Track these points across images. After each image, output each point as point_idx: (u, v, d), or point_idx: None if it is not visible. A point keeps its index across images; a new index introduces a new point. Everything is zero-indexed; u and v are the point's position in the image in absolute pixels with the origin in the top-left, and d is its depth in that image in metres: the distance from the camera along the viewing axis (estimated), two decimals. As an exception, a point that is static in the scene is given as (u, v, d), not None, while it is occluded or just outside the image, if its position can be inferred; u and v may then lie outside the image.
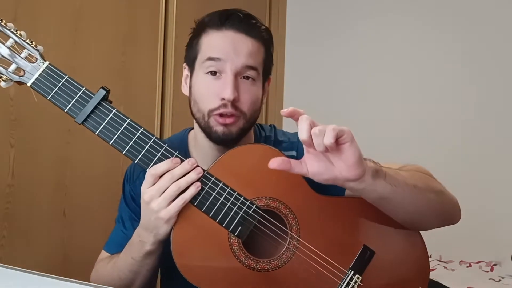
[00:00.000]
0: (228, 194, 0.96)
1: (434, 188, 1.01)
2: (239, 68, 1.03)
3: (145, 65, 2.00)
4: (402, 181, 0.93)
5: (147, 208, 0.94)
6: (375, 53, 2.73)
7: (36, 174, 1.60)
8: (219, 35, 1.05)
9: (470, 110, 2.50)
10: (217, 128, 1.03)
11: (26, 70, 0.94)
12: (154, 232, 0.95)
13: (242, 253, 0.97)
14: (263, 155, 1.00)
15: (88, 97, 0.94)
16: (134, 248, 1.01)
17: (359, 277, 0.99)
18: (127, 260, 1.02)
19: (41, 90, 0.93)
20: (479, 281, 2.02)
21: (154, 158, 0.95)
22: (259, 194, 0.98)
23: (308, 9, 2.94)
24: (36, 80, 0.93)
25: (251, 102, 1.05)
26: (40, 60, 0.94)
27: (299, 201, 0.99)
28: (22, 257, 1.54)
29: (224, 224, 0.96)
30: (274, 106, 2.88)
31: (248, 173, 0.99)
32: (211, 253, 0.97)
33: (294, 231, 0.99)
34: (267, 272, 0.97)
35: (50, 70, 0.94)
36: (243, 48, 1.03)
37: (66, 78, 0.94)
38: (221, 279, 0.97)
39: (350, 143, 0.83)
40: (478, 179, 2.38)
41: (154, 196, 0.93)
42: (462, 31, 2.54)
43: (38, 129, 1.60)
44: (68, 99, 0.93)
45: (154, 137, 0.95)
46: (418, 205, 0.98)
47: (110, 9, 1.84)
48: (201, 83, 1.05)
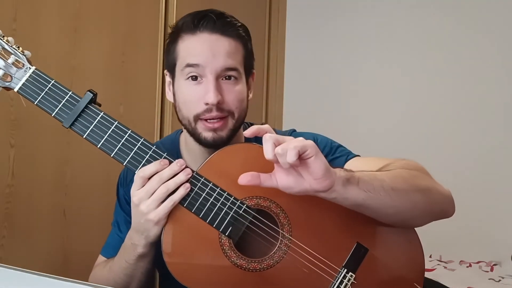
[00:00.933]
0: (218, 194, 0.96)
1: (419, 186, 0.99)
2: (219, 71, 1.02)
3: (145, 65, 1.99)
4: (378, 186, 0.92)
5: (137, 210, 0.94)
6: (375, 53, 2.74)
7: (36, 174, 1.60)
8: (194, 39, 1.03)
9: (471, 110, 2.50)
10: (205, 134, 1.03)
11: (13, 76, 0.94)
12: (144, 234, 0.96)
13: (233, 253, 0.97)
14: (253, 154, 0.99)
15: (75, 101, 0.94)
16: (127, 251, 1.01)
17: (352, 275, 0.98)
18: (121, 264, 1.02)
19: (28, 95, 0.94)
20: (479, 281, 2.02)
21: (142, 160, 0.94)
22: (250, 193, 0.98)
23: (308, 9, 2.94)
24: (23, 85, 0.94)
25: (238, 101, 1.05)
26: (27, 65, 0.94)
27: (290, 200, 0.98)
28: (22, 257, 1.54)
29: (215, 225, 0.96)
30: (274, 106, 2.88)
31: (237, 172, 0.96)
32: (202, 254, 0.97)
33: (285, 230, 0.98)
34: (259, 272, 0.97)
35: (37, 75, 0.94)
36: (220, 50, 1.02)
37: (53, 83, 0.94)
38: (213, 280, 0.97)
39: (314, 157, 0.84)
40: (478, 179, 2.38)
41: (143, 198, 0.93)
42: (463, 27, 2.54)
43: (38, 129, 1.60)
44: (55, 103, 0.94)
45: (142, 139, 0.95)
46: (399, 207, 0.96)
47: (110, 9, 1.84)
48: (183, 90, 1.05)
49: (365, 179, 0.91)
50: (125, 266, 1.01)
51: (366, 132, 2.60)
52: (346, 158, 1.11)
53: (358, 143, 1.20)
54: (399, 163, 1.04)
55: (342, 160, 1.10)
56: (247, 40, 1.09)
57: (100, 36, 1.80)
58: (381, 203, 0.93)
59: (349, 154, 1.13)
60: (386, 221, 1.00)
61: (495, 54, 2.46)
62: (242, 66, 1.07)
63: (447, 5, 2.58)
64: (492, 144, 2.44)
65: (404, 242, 1.04)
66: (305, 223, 0.98)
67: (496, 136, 2.44)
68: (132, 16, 1.93)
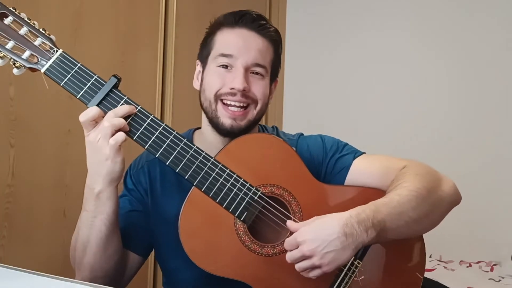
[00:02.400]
0: (234, 180, 1.00)
1: (435, 200, 1.04)
2: (249, 64, 1.08)
3: (145, 65, 1.99)
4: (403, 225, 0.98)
5: (92, 149, 0.95)
6: (375, 53, 2.74)
7: (36, 174, 1.60)
8: (232, 32, 1.11)
9: (470, 111, 2.51)
10: (224, 120, 1.08)
11: (39, 57, 0.96)
12: (101, 171, 0.96)
13: (247, 238, 1.00)
14: (268, 144, 1.06)
15: (100, 85, 0.97)
16: (86, 200, 1.00)
17: (359, 262, 1.02)
18: (82, 215, 1.02)
19: (54, 76, 0.96)
20: (479, 281, 2.02)
21: (163, 144, 0.97)
22: (264, 181, 1.02)
23: (308, 10, 2.94)
24: (49, 67, 0.95)
25: (262, 92, 1.10)
26: (54, 47, 0.96)
27: (302, 189, 1.04)
28: (22, 257, 1.54)
29: (231, 210, 0.99)
30: (274, 106, 2.88)
31: (253, 161, 1.04)
32: (217, 237, 1.00)
33: (297, 217, 1.03)
34: (271, 257, 1.01)
35: (64, 57, 0.96)
36: (253, 45, 1.09)
37: (79, 66, 0.97)
38: (227, 262, 1.00)
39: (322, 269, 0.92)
40: (478, 179, 2.38)
41: (96, 136, 0.94)
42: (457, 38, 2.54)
43: (38, 129, 1.60)
44: (80, 85, 0.96)
45: (164, 124, 0.99)
46: (420, 231, 1.06)
47: (110, 9, 1.84)
48: (213, 74, 1.10)
49: (392, 227, 0.96)
50: (86, 217, 1.00)
51: (366, 132, 2.60)
52: (354, 156, 1.14)
53: (358, 143, 1.21)
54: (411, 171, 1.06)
55: (350, 158, 1.14)
56: (279, 46, 1.17)
57: (100, 36, 1.80)
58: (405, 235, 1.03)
59: (356, 152, 1.16)
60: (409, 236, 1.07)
61: (496, 54, 2.46)
62: (270, 67, 1.14)
63: (448, 5, 2.58)
64: (492, 144, 2.44)
65: None
66: (315, 211, 1.01)
67: (496, 136, 2.44)
68: (132, 16, 1.93)
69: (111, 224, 1.00)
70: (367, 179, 1.10)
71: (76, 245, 1.04)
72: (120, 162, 0.95)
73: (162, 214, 1.11)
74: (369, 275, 1.03)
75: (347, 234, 0.90)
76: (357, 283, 1.02)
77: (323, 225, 0.93)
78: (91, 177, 0.98)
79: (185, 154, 0.98)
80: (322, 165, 1.14)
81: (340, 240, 0.90)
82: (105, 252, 1.02)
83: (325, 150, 1.16)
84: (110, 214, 0.99)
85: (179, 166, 0.98)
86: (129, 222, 1.10)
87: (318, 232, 0.92)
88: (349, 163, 1.12)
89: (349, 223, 0.92)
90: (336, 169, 1.13)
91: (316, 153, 1.15)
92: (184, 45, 2.12)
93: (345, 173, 1.12)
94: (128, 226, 1.09)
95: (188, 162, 0.98)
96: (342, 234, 0.90)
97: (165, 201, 1.12)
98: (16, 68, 0.95)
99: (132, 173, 1.16)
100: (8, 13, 0.95)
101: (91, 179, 0.98)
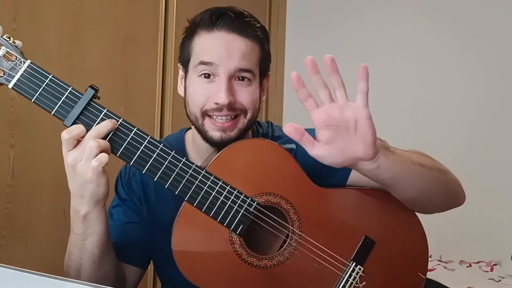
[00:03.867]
0: (228, 192, 0.94)
1: (440, 167, 1.03)
2: (232, 71, 1.00)
3: (145, 65, 1.99)
4: (409, 160, 0.94)
5: (73, 171, 0.88)
6: (375, 53, 2.73)
7: (36, 174, 1.60)
8: (210, 36, 1.01)
9: (473, 111, 2.50)
10: (212, 133, 1.01)
11: (5, 70, 0.85)
12: (84, 194, 0.89)
13: (244, 251, 0.97)
14: (263, 150, 1.00)
15: (76, 98, 0.87)
16: (73, 222, 0.95)
17: (360, 268, 1.00)
18: (72, 238, 0.96)
19: (24, 92, 0.86)
20: (479, 281, 2.02)
21: (149, 159, 0.90)
22: (260, 190, 0.97)
23: (308, 9, 2.94)
24: (17, 81, 0.85)
25: (250, 99, 1.02)
26: (20, 58, 0.85)
27: (300, 195, 0.99)
28: (22, 257, 1.54)
29: (225, 224, 0.95)
30: (274, 106, 2.88)
31: (247, 169, 0.98)
32: (213, 253, 0.97)
33: (295, 226, 0.99)
34: (270, 269, 0.98)
35: (32, 69, 0.86)
36: (235, 50, 0.99)
37: (51, 78, 0.86)
38: (225, 278, 0.97)
39: (368, 120, 0.88)
40: (478, 179, 2.38)
41: (77, 157, 0.87)
42: (465, 28, 2.54)
43: (38, 129, 1.60)
44: (54, 100, 0.87)
45: (149, 136, 0.91)
46: (426, 182, 0.99)
47: (110, 9, 1.84)
48: (195, 86, 1.02)
49: (397, 151, 0.93)
50: (75, 239, 0.95)
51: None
52: None
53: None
54: (414, 151, 1.05)
55: None
56: (265, 42, 1.06)
57: (100, 36, 1.80)
58: (412, 175, 0.95)
59: None
60: (411, 198, 1.01)
61: (496, 53, 2.46)
62: (257, 67, 1.05)
63: (448, 5, 2.58)
64: (493, 144, 2.43)
65: (409, 233, 1.07)
66: (314, 218, 0.99)
67: (496, 136, 2.43)
68: (132, 16, 1.93)
69: (102, 244, 0.94)
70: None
71: (68, 270, 0.98)
72: (104, 185, 0.88)
73: (158, 223, 1.06)
74: (371, 280, 1.01)
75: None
76: None
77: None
78: (75, 200, 0.91)
79: (173, 168, 0.91)
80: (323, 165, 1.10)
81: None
82: (100, 273, 0.97)
83: None
84: (101, 235, 0.93)
85: (168, 182, 0.91)
86: (126, 235, 1.05)
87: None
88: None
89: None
90: (338, 169, 1.07)
91: None
92: (184, 45, 2.12)
93: (348, 172, 1.07)
94: (124, 239, 1.04)
95: (177, 177, 0.91)
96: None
97: (160, 209, 1.07)
98: None
99: (123, 181, 1.10)
100: None
101: (75, 201, 0.91)
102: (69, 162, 0.87)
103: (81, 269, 0.96)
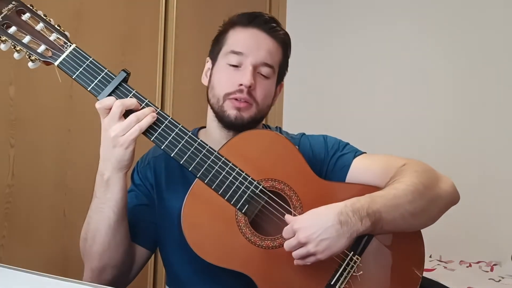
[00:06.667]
0: (237, 173, 1.03)
1: (432, 196, 1.05)
2: (258, 62, 1.12)
3: (145, 65, 2.00)
4: (399, 217, 0.99)
5: (107, 136, 0.98)
6: (374, 52, 2.73)
7: (36, 174, 1.60)
8: (244, 31, 1.15)
9: (470, 110, 2.50)
10: (230, 112, 1.11)
11: (53, 51, 1.00)
12: (112, 159, 0.99)
13: (248, 230, 1.02)
14: (271, 140, 1.10)
15: (110, 78, 1.01)
16: (96, 186, 1.04)
17: (358, 258, 1.03)
18: (93, 203, 1.05)
19: (67, 69, 1.00)
20: (479, 281, 2.02)
21: (169, 137, 1.01)
22: (266, 176, 1.05)
23: (308, 9, 2.94)
24: (63, 60, 1.00)
25: (265, 94, 1.13)
26: (68, 42, 1.01)
27: (303, 184, 1.06)
28: (22, 257, 1.54)
29: (232, 202, 1.02)
30: (274, 106, 2.86)
31: (256, 155, 1.06)
32: (219, 229, 1.03)
33: (297, 211, 1.04)
34: (271, 250, 1.02)
35: (76, 52, 1.01)
36: (263, 45, 1.13)
37: (91, 60, 1.01)
38: (228, 254, 1.02)
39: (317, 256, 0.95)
40: (478, 179, 2.38)
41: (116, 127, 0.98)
42: (457, 32, 2.54)
43: (38, 129, 1.60)
44: (91, 78, 1.00)
45: (170, 117, 1.03)
46: (417, 225, 1.07)
47: (109, 9, 1.84)
48: (222, 71, 1.13)
49: (388, 219, 0.98)
50: (96, 203, 1.04)
51: (366, 132, 2.60)
52: (354, 154, 1.16)
53: (357, 143, 1.21)
54: (409, 168, 1.08)
55: (351, 157, 1.16)
56: (287, 48, 1.21)
57: (100, 36, 1.80)
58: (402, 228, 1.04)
59: (357, 151, 1.18)
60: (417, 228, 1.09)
61: (496, 55, 2.46)
62: (277, 68, 1.17)
63: (448, 5, 2.58)
64: (492, 144, 2.44)
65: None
66: (315, 206, 1.01)
67: (496, 136, 2.43)
68: (132, 16, 1.93)
69: (119, 211, 1.03)
70: (367, 177, 1.12)
71: (86, 235, 1.06)
72: (130, 152, 0.99)
73: (166, 208, 1.14)
74: (368, 271, 1.04)
75: (341, 222, 0.93)
76: (355, 279, 1.03)
77: (318, 213, 0.96)
78: (102, 163, 1.01)
79: (189, 147, 1.02)
80: (323, 163, 1.17)
81: (335, 228, 0.93)
82: (113, 240, 1.04)
83: (326, 149, 1.18)
84: (118, 201, 1.02)
85: (183, 158, 1.01)
86: (136, 216, 1.13)
87: (314, 220, 0.95)
88: (349, 162, 1.14)
89: (344, 212, 0.94)
90: (337, 167, 1.15)
91: (318, 151, 1.18)
92: (184, 45, 2.12)
93: (346, 171, 1.14)
94: (134, 220, 1.12)
95: (192, 155, 1.02)
96: (336, 222, 0.93)
97: (169, 195, 1.14)
98: (32, 61, 1.00)
99: (139, 169, 1.20)
100: (25, 10, 1.01)
101: (102, 165, 1.01)
102: (106, 126, 0.99)
103: (97, 234, 1.04)
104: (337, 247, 0.94)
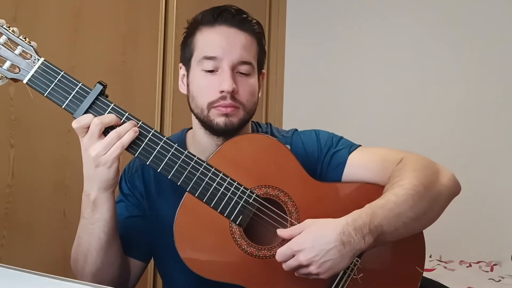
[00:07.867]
0: (228, 184, 0.98)
1: (433, 196, 1.02)
2: (235, 63, 1.05)
3: (145, 65, 1.99)
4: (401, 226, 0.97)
5: (88, 156, 0.93)
6: (374, 52, 2.73)
7: (36, 174, 1.60)
8: (212, 31, 1.06)
9: (470, 110, 2.50)
10: (218, 119, 1.05)
11: (21, 67, 0.92)
12: (96, 179, 0.95)
13: (244, 241, 0.99)
14: (262, 144, 1.05)
15: (85, 93, 0.94)
16: (83, 206, 1.00)
17: (358, 260, 1.02)
18: (81, 223, 1.01)
19: (37, 87, 0.93)
20: (479, 281, 2.02)
21: (153, 151, 0.95)
22: (259, 182, 1.01)
23: (308, 9, 2.94)
24: (32, 77, 0.92)
25: (249, 94, 1.07)
26: (35, 56, 0.93)
27: (298, 188, 1.03)
28: (22, 257, 1.54)
29: (226, 214, 0.98)
30: (274, 106, 2.88)
31: (247, 162, 1.02)
32: (214, 242, 0.99)
33: (294, 217, 1.02)
34: (268, 259, 1.00)
35: (46, 66, 0.93)
36: (237, 42, 1.05)
37: (62, 74, 0.93)
38: (224, 267, 0.99)
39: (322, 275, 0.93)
40: (478, 179, 2.38)
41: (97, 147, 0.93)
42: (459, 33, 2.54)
43: (38, 129, 1.60)
44: (65, 95, 0.93)
45: (153, 130, 0.96)
46: (419, 229, 1.05)
47: (110, 9, 1.84)
48: (199, 80, 1.07)
49: (390, 230, 0.95)
50: (84, 224, 1.00)
51: (366, 131, 2.60)
52: (349, 150, 1.13)
53: (358, 141, 1.19)
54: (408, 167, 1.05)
55: (345, 153, 1.12)
56: (261, 37, 1.12)
57: (100, 36, 1.80)
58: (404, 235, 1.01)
59: (352, 146, 1.14)
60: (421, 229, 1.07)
61: (496, 54, 2.46)
62: (256, 61, 1.10)
63: (447, 5, 2.58)
64: (492, 143, 2.43)
65: None
66: (312, 211, 1.00)
67: (496, 136, 2.43)
68: (132, 16, 1.93)
69: (109, 230, 0.99)
70: (364, 174, 1.09)
71: (77, 256, 1.03)
72: (114, 170, 0.95)
73: (158, 218, 1.10)
74: (369, 272, 1.03)
75: (344, 243, 0.90)
76: (356, 281, 1.02)
77: (320, 234, 0.92)
78: (87, 183, 0.97)
79: (176, 160, 0.96)
80: (317, 162, 1.12)
81: (337, 249, 0.90)
82: (106, 259, 1.01)
83: (319, 146, 1.14)
84: (108, 220, 0.99)
85: (171, 173, 0.96)
86: (128, 229, 1.09)
87: (315, 241, 0.91)
88: (344, 159, 1.10)
89: (346, 231, 0.91)
90: (332, 165, 1.11)
91: (311, 149, 1.13)
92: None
93: (342, 168, 1.10)
94: (126, 233, 1.08)
95: (179, 168, 0.96)
96: (339, 243, 0.90)
97: (160, 204, 1.11)
98: None
99: (127, 177, 1.15)
100: None
101: (87, 185, 0.97)
102: (85, 146, 0.93)
103: (88, 255, 1.00)
104: (340, 267, 0.92)
